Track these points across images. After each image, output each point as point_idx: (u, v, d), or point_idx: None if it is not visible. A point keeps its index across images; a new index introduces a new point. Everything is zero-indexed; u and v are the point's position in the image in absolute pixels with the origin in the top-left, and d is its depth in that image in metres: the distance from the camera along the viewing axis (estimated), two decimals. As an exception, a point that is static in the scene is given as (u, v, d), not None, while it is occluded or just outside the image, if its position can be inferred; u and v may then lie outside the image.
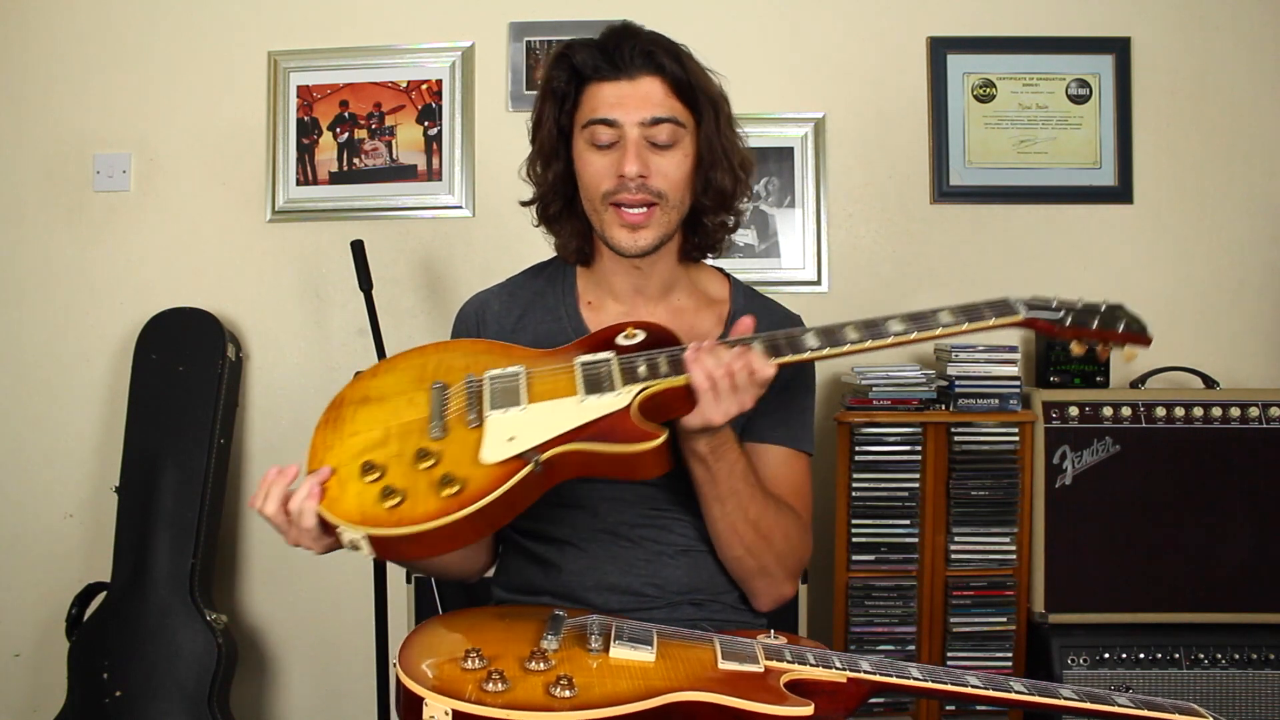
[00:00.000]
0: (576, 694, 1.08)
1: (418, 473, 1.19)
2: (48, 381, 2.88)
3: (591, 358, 1.31)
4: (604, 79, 1.41)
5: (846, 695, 1.18)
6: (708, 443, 1.32)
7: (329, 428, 1.29)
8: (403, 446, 1.23)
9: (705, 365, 1.24)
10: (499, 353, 1.38)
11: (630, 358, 1.29)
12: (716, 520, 1.40)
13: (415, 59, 2.88)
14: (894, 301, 2.82)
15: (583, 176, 1.44)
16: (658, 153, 1.41)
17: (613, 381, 1.26)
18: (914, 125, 2.84)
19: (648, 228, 1.42)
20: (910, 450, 2.47)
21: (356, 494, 1.18)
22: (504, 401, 1.26)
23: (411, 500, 1.16)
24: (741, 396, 1.26)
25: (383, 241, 2.79)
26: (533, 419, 1.23)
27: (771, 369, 1.26)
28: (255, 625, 2.88)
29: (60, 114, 2.88)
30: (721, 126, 1.48)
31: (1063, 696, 1.18)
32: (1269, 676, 2.38)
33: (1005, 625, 2.47)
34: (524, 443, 1.19)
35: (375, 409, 1.31)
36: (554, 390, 1.27)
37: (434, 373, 1.34)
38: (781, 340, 1.28)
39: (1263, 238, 2.81)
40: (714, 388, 1.24)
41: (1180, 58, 2.82)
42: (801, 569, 1.54)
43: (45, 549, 2.86)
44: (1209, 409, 2.46)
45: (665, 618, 1.43)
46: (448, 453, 1.21)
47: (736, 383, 1.25)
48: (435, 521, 1.13)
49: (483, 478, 1.16)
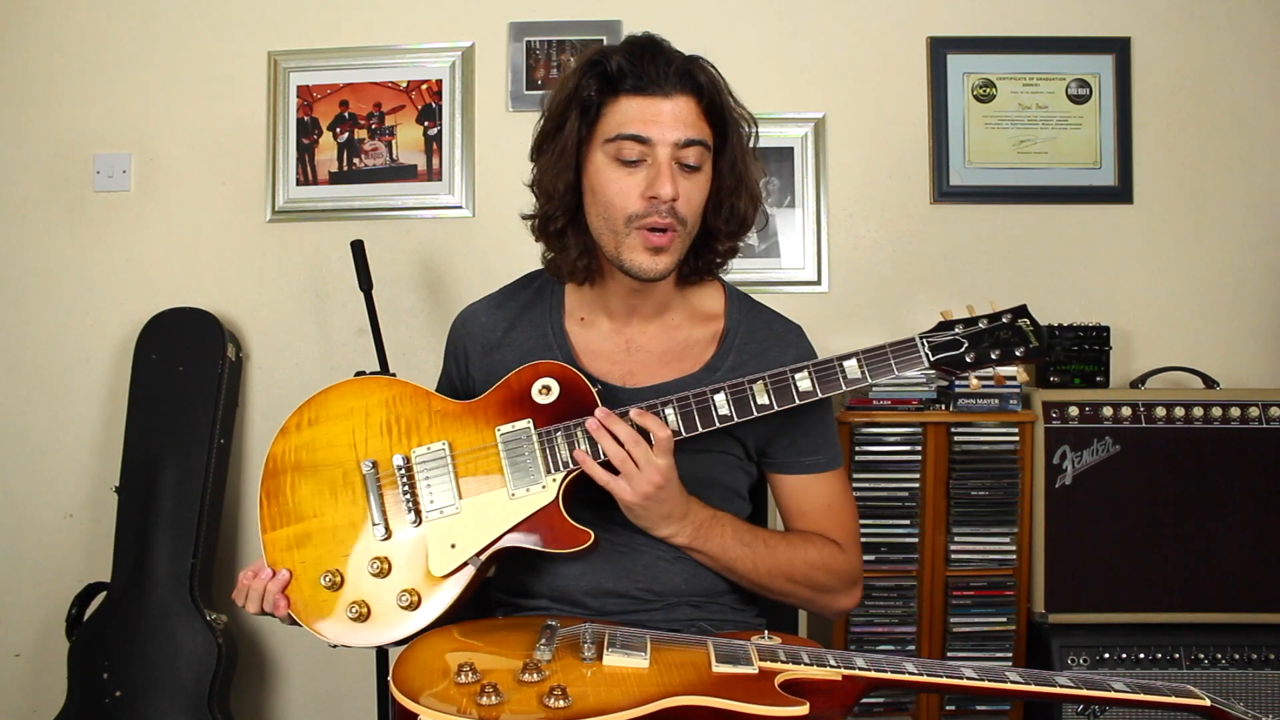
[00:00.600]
0: (571, 703, 1.09)
1: (375, 581, 1.33)
2: (48, 381, 2.88)
3: (510, 431, 1.37)
4: (637, 93, 1.36)
5: (842, 693, 1.18)
6: (681, 534, 1.39)
7: (272, 502, 1.40)
8: (351, 550, 1.36)
9: (606, 449, 1.32)
10: (420, 404, 1.42)
11: (549, 434, 1.36)
12: (739, 580, 1.46)
13: (415, 59, 2.88)
14: (894, 301, 2.82)
15: (603, 194, 1.38)
16: (685, 175, 1.37)
17: (536, 468, 1.35)
18: (914, 125, 2.84)
19: (669, 252, 1.39)
20: (910, 450, 2.47)
21: (321, 603, 1.34)
22: (438, 498, 1.36)
23: (376, 615, 1.32)
24: (647, 471, 1.31)
25: (383, 241, 2.79)
26: (468, 521, 1.35)
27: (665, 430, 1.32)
28: (255, 625, 2.88)
29: (60, 114, 2.88)
30: (745, 152, 1.45)
31: (1059, 685, 1.18)
32: (1269, 676, 2.38)
33: (1005, 625, 2.47)
34: (465, 551, 1.33)
35: (313, 482, 1.40)
36: (482, 477, 1.36)
37: (362, 431, 1.40)
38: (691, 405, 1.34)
39: (1263, 238, 2.81)
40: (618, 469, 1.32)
41: (1180, 58, 2.82)
42: (856, 581, 1.54)
43: (45, 549, 2.86)
44: (1209, 409, 2.46)
45: (664, 618, 1.43)
46: (397, 560, 1.35)
47: (636, 457, 1.31)
48: (404, 632, 1.32)
49: (436, 588, 1.32)
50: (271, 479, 1.41)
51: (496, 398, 1.40)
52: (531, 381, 1.39)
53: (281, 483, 1.40)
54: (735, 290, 1.59)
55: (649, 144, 1.35)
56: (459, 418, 1.40)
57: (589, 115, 1.38)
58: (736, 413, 1.33)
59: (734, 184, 1.44)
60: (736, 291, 1.59)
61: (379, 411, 1.41)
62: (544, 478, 1.34)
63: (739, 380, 1.34)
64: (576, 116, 1.38)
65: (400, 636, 1.31)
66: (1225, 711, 1.17)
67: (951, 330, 1.33)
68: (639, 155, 1.35)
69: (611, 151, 1.36)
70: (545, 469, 1.34)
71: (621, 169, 1.36)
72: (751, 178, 1.47)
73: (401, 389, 1.43)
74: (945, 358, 1.32)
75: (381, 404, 1.42)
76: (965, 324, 1.34)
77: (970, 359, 1.32)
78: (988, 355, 1.32)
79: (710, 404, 1.34)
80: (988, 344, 1.32)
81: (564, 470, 1.34)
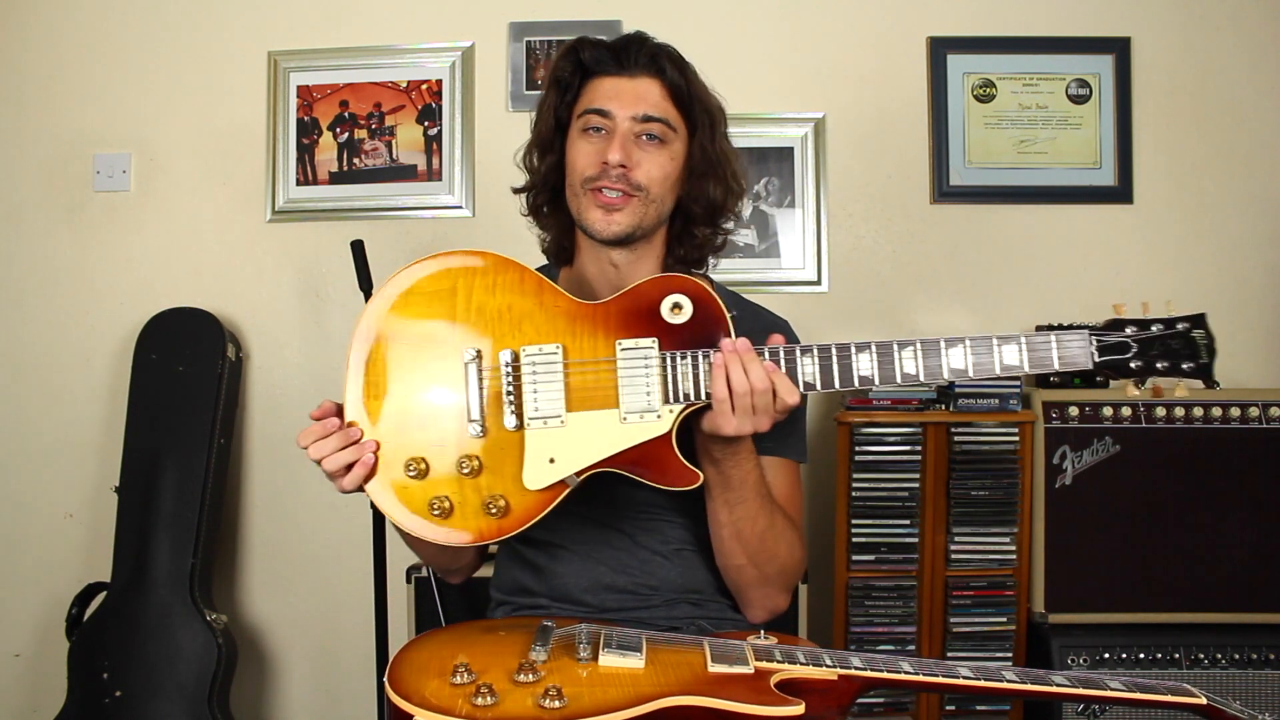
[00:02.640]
0: (566, 704, 1.09)
1: (463, 481, 1.25)
2: (48, 381, 2.88)
3: (633, 347, 1.26)
4: (606, 74, 1.45)
5: (839, 693, 1.18)
6: (723, 448, 1.32)
7: (371, 369, 1.29)
8: (443, 437, 1.26)
9: (732, 378, 1.23)
10: (531, 299, 1.30)
11: (673, 359, 1.26)
12: (722, 525, 1.39)
13: (415, 59, 2.88)
14: (894, 301, 2.82)
15: (570, 162, 1.47)
16: (644, 148, 1.43)
17: (653, 392, 1.25)
18: (914, 125, 2.84)
19: (622, 212, 1.43)
20: (910, 450, 2.47)
21: (402, 492, 1.26)
22: (544, 406, 1.26)
23: (459, 514, 1.24)
24: (759, 419, 1.25)
25: (383, 241, 2.79)
26: (572, 437, 1.25)
27: (795, 397, 1.25)
28: (255, 625, 2.88)
29: (60, 114, 2.89)
30: (717, 139, 1.50)
31: (1055, 684, 1.18)
32: (1269, 676, 2.37)
33: (1005, 625, 2.47)
34: (565, 467, 1.24)
35: (413, 357, 1.29)
36: (595, 391, 1.26)
37: (465, 313, 1.29)
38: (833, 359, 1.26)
39: (1263, 238, 2.81)
40: (731, 401, 1.23)
41: (1180, 58, 2.82)
42: (797, 581, 1.55)
43: (45, 549, 2.87)
44: (1209, 409, 2.45)
45: (664, 615, 1.43)
46: (489, 461, 1.25)
47: (756, 403, 1.24)
48: (476, 542, 1.24)
49: (527, 502, 1.24)
50: (366, 342, 1.29)
51: (622, 304, 1.29)
52: (663, 294, 1.28)
53: (381, 353, 1.29)
54: (722, 287, 1.61)
55: (609, 116, 1.43)
56: (577, 320, 1.29)
57: (568, 97, 1.48)
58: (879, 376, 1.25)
59: (704, 168, 1.49)
60: (723, 288, 1.60)
61: (492, 295, 1.30)
62: (661, 406, 1.24)
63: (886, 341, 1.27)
64: (555, 96, 1.49)
65: (476, 543, 1.25)
66: (1222, 710, 1.17)
67: (1122, 331, 1.26)
68: (599, 125, 1.44)
69: (580, 125, 1.46)
70: (664, 397, 1.24)
71: (585, 138, 1.45)
72: (726, 164, 1.50)
73: (521, 274, 1.32)
74: (1110, 361, 1.25)
75: (496, 286, 1.30)
76: (1139, 325, 1.26)
77: (1135, 365, 1.25)
78: (1154, 365, 1.25)
79: (853, 362, 1.25)
80: (1157, 352, 1.25)
81: (683, 402, 1.24)
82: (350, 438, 1.26)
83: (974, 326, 2.78)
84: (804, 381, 1.26)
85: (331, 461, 1.25)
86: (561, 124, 1.50)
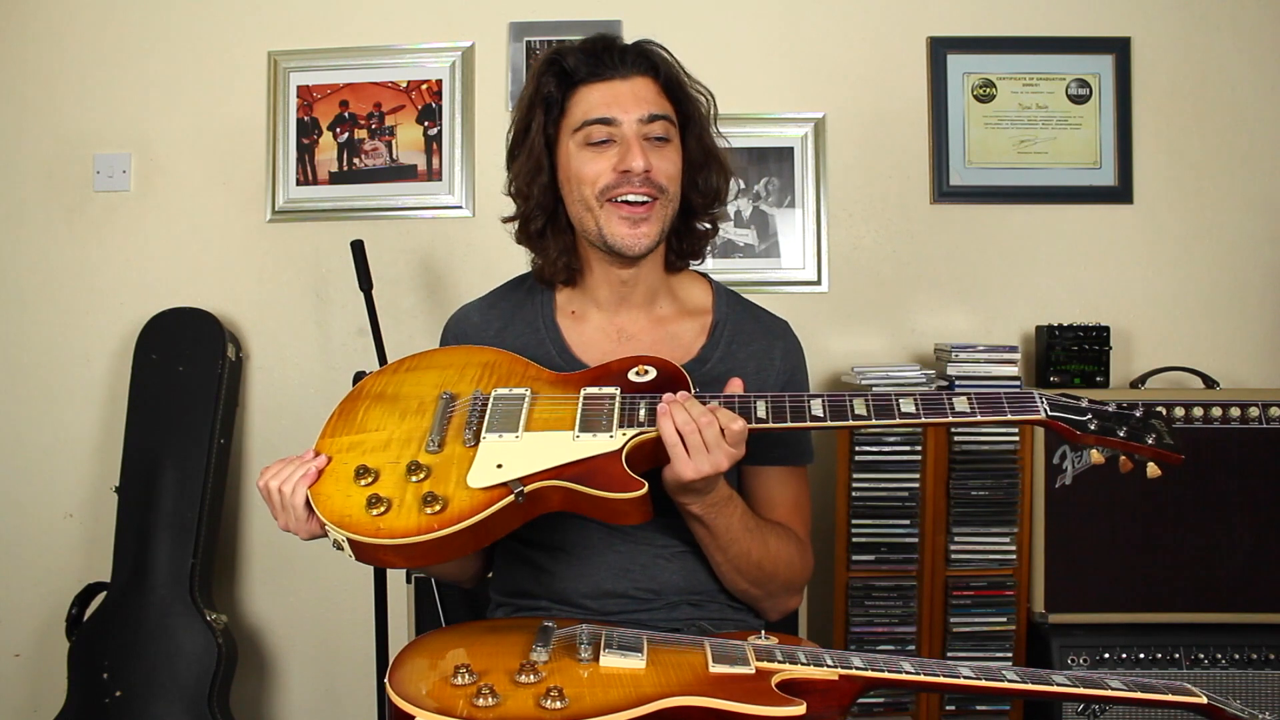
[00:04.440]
0: (567, 705, 1.09)
1: (407, 484, 1.23)
2: (48, 381, 2.88)
3: (596, 391, 1.32)
4: (595, 80, 1.43)
5: (840, 693, 1.18)
6: (699, 504, 1.33)
7: (342, 417, 1.35)
8: (400, 454, 1.27)
9: (677, 419, 1.24)
10: (518, 370, 1.40)
11: (633, 398, 1.30)
12: (719, 565, 1.43)
13: (415, 59, 2.88)
14: (894, 301, 2.82)
15: (577, 176, 1.43)
16: (655, 148, 1.42)
17: (610, 421, 1.28)
18: (914, 125, 2.84)
19: (648, 221, 1.42)
20: (910, 450, 2.47)
21: (345, 496, 1.23)
22: (501, 426, 1.29)
23: (395, 512, 1.20)
24: (715, 455, 1.25)
25: (383, 241, 2.79)
26: (524, 449, 1.26)
27: (740, 423, 1.26)
28: (255, 625, 2.88)
29: (60, 114, 2.88)
30: (709, 126, 1.50)
31: (1056, 683, 1.18)
32: (1269, 676, 2.37)
33: (1005, 625, 2.47)
34: (510, 472, 1.22)
35: (387, 408, 1.35)
36: (553, 421, 1.29)
37: (454, 380, 1.38)
38: (785, 403, 1.28)
39: (1263, 238, 2.81)
40: (683, 441, 1.24)
41: (1180, 58, 2.82)
42: (805, 583, 1.55)
43: (45, 549, 2.87)
44: (1209, 409, 2.45)
45: (665, 617, 1.43)
46: (438, 469, 1.25)
47: (706, 438, 1.24)
48: (413, 537, 1.17)
49: (465, 501, 1.20)
50: (352, 400, 1.38)
51: (593, 373, 1.39)
52: (631, 365, 1.37)
53: (359, 405, 1.37)
54: (722, 286, 1.61)
55: (614, 124, 1.41)
56: (551, 382, 1.38)
57: (554, 112, 1.45)
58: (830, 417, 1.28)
59: (703, 158, 1.49)
60: (723, 288, 1.61)
61: (476, 368, 1.41)
62: (615, 430, 1.27)
63: (839, 394, 1.31)
64: (541, 115, 1.45)
65: (410, 541, 1.18)
66: (1223, 709, 1.17)
67: (1079, 400, 1.30)
68: (607, 136, 1.41)
69: (580, 139, 1.42)
70: (618, 424, 1.28)
71: (592, 151, 1.42)
72: (719, 151, 1.52)
73: (505, 357, 1.44)
74: (1063, 417, 1.28)
75: (481, 363, 1.42)
76: (1093, 401, 1.31)
77: (1094, 426, 1.27)
78: (1114, 430, 1.27)
79: (805, 406, 1.28)
80: (1114, 422, 1.28)
81: (637, 428, 1.27)
82: (303, 459, 1.28)
83: (974, 326, 2.79)
84: (757, 418, 1.28)
85: (285, 482, 1.25)
86: (550, 142, 1.47)
